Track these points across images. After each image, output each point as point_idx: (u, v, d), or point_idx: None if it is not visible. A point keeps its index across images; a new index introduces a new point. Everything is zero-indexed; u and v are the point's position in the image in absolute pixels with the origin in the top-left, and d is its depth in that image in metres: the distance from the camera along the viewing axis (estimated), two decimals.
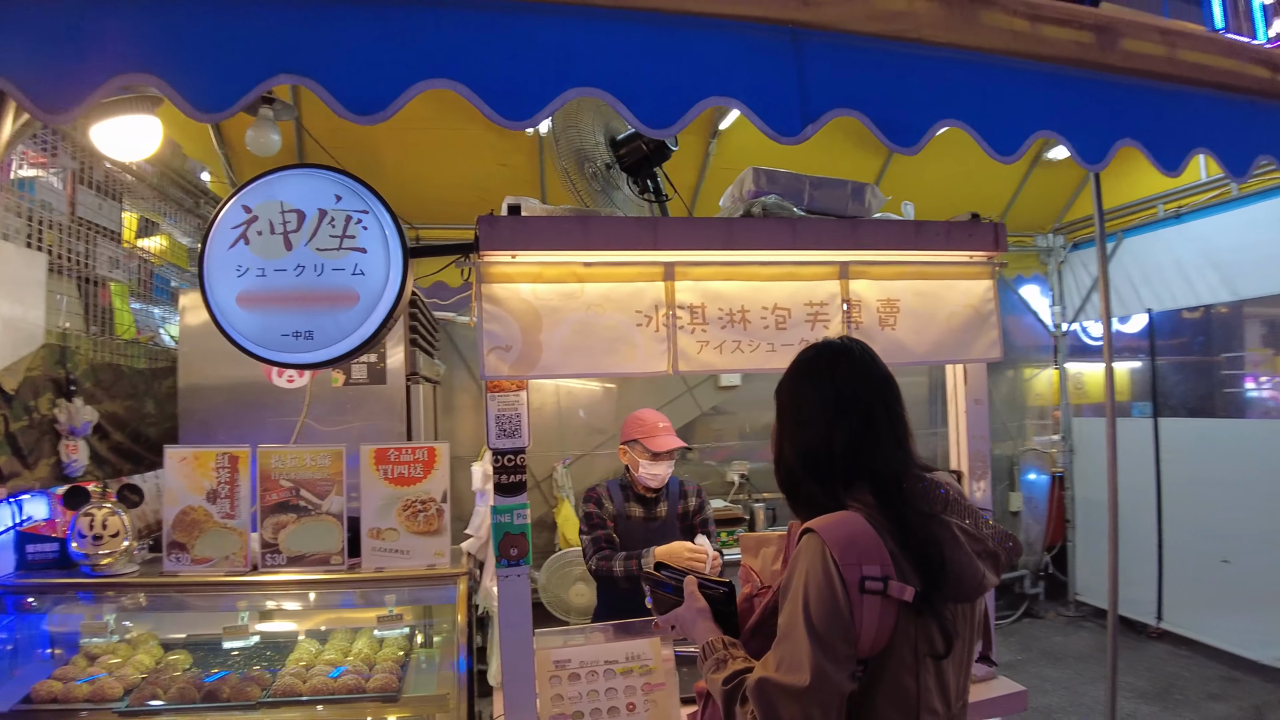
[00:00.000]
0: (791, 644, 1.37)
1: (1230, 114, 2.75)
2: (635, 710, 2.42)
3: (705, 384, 5.73)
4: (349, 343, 2.16)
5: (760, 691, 1.37)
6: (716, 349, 2.48)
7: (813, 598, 1.37)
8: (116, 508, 2.65)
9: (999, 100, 2.37)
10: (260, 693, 2.44)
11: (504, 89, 1.85)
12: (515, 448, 2.35)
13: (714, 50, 2.07)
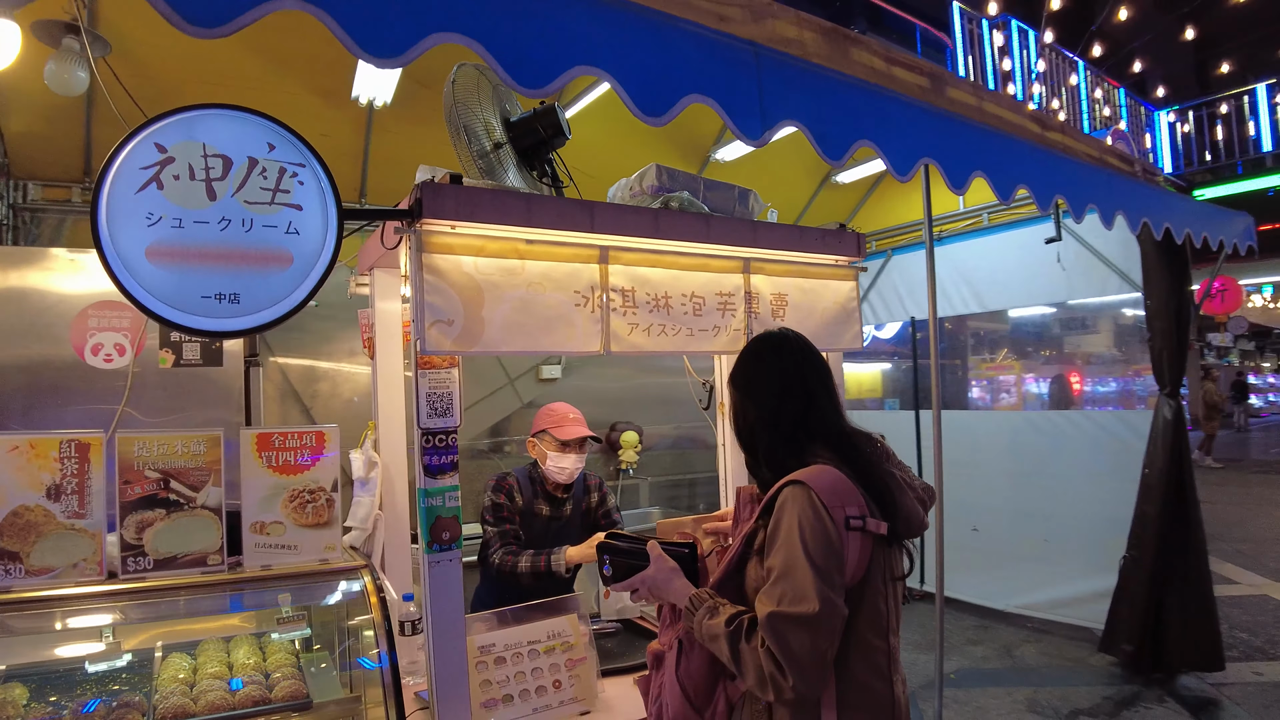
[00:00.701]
0: (793, 580, 1.52)
1: (1006, 151, 3.38)
2: (561, 687, 2.45)
3: (527, 376, 5.70)
4: (279, 309, 1.95)
5: (772, 625, 1.51)
6: (645, 331, 2.53)
7: (809, 536, 1.55)
8: None
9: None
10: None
11: (516, 56, 1.85)
12: (447, 427, 2.25)
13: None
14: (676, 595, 1.75)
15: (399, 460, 2.76)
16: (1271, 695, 4.72)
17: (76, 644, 2.36)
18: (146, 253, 1.79)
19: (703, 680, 1.74)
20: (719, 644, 1.60)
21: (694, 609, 1.67)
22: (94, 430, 2.27)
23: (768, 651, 1.50)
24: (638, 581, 1.81)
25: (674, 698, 1.76)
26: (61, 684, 2.32)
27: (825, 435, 1.78)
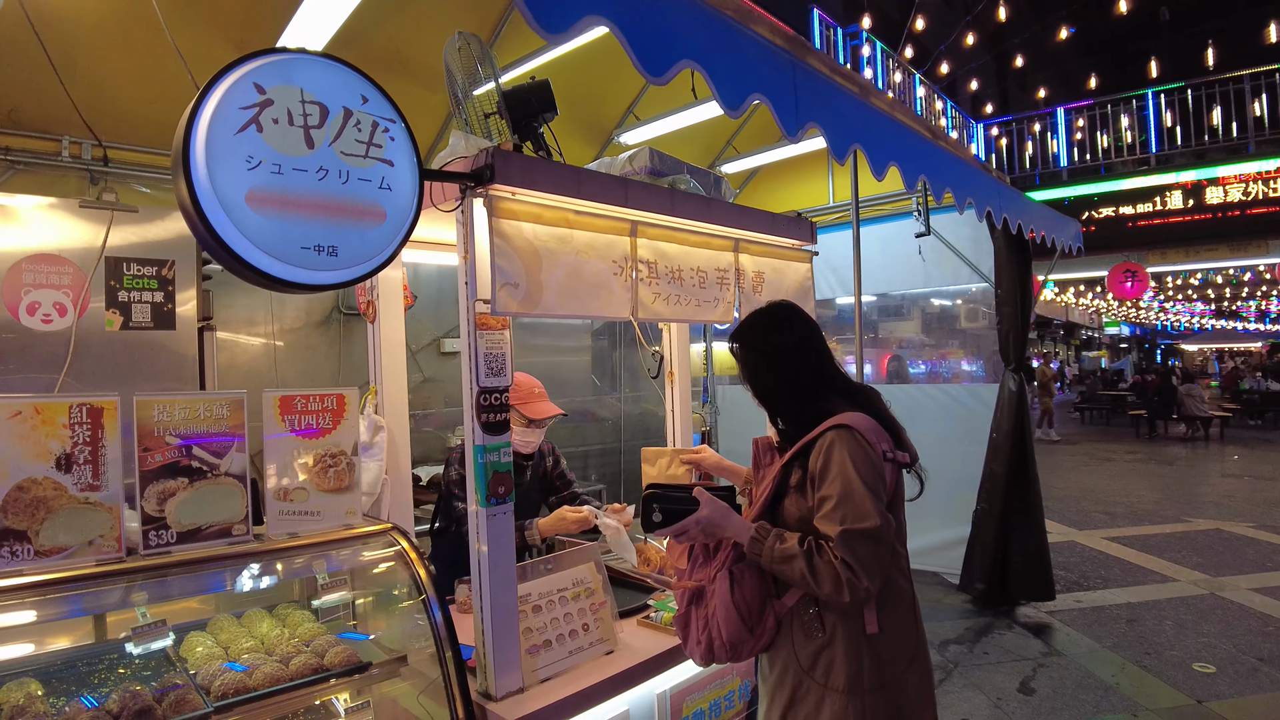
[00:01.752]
0: (853, 502, 1.81)
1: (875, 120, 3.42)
2: (589, 629, 2.57)
3: (428, 349, 5.59)
4: (370, 264, 1.92)
5: (844, 539, 1.78)
6: (665, 300, 2.69)
7: (861, 467, 1.86)
8: None
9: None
10: (204, 701, 1.98)
11: (646, 48, 1.98)
12: (501, 386, 2.29)
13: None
14: (735, 530, 1.95)
15: (401, 425, 2.73)
16: (1091, 616, 5.76)
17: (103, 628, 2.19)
18: (247, 197, 1.71)
19: (755, 602, 1.98)
20: (793, 562, 1.82)
21: (761, 538, 1.89)
22: (108, 393, 2.09)
23: (842, 562, 1.77)
24: (690, 523, 1.96)
25: (729, 621, 1.96)
26: (87, 674, 2.14)
27: (839, 388, 2.09)
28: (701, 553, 2.08)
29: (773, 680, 2.04)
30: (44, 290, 2.79)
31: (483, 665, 2.29)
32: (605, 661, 2.55)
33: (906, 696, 1.92)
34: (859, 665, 1.88)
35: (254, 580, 2.27)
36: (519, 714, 2.20)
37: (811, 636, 1.93)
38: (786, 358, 2.10)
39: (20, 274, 2.76)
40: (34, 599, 1.91)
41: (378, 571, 2.45)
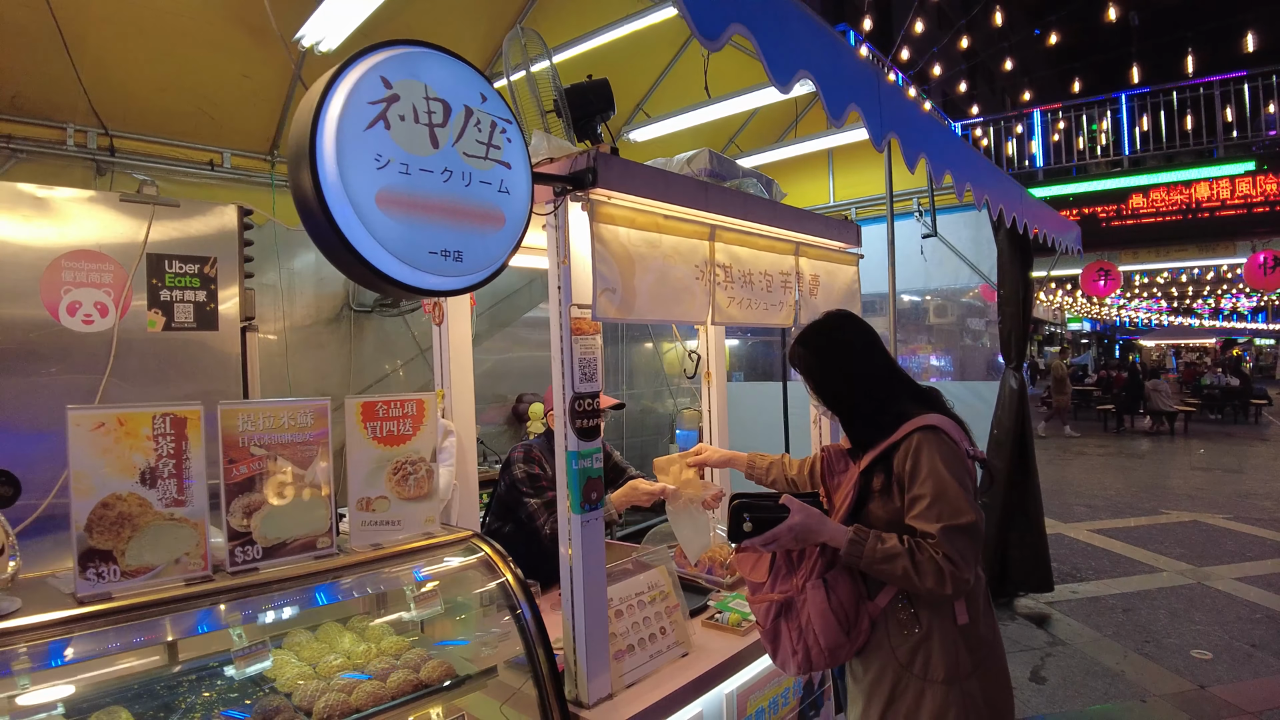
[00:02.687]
0: (948, 500, 1.87)
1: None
2: (666, 633, 2.55)
3: None
4: (490, 269, 1.87)
5: (946, 535, 1.84)
6: (738, 304, 2.67)
7: (951, 465, 1.92)
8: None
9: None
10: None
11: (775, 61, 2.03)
12: (594, 391, 2.26)
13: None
14: (832, 534, 1.97)
15: (468, 429, 2.66)
16: (1089, 607, 5.94)
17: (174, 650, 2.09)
18: (377, 198, 1.64)
19: (851, 606, 2.03)
20: (896, 561, 1.87)
21: (862, 539, 1.92)
22: (190, 402, 1.99)
23: (944, 557, 1.83)
24: (783, 531, 1.97)
25: (827, 629, 2.01)
26: (172, 700, 2.04)
27: (908, 390, 2.13)
28: (784, 564, 2.10)
29: (869, 680, 2.07)
30: (84, 289, 2.65)
31: (573, 672, 2.26)
32: (683, 665, 2.53)
33: (995, 680, 2.01)
34: (955, 655, 1.95)
35: (342, 595, 2.19)
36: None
37: (908, 633, 1.99)
38: (859, 360, 2.14)
39: (59, 272, 2.61)
40: (123, 624, 1.79)
41: (461, 580, 2.39)
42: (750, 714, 2.79)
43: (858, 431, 2.14)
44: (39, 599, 1.73)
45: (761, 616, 2.13)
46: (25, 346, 2.56)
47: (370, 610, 2.56)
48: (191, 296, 2.85)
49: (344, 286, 5.01)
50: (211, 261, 2.89)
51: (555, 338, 2.21)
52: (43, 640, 1.65)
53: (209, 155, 4.48)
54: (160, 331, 2.77)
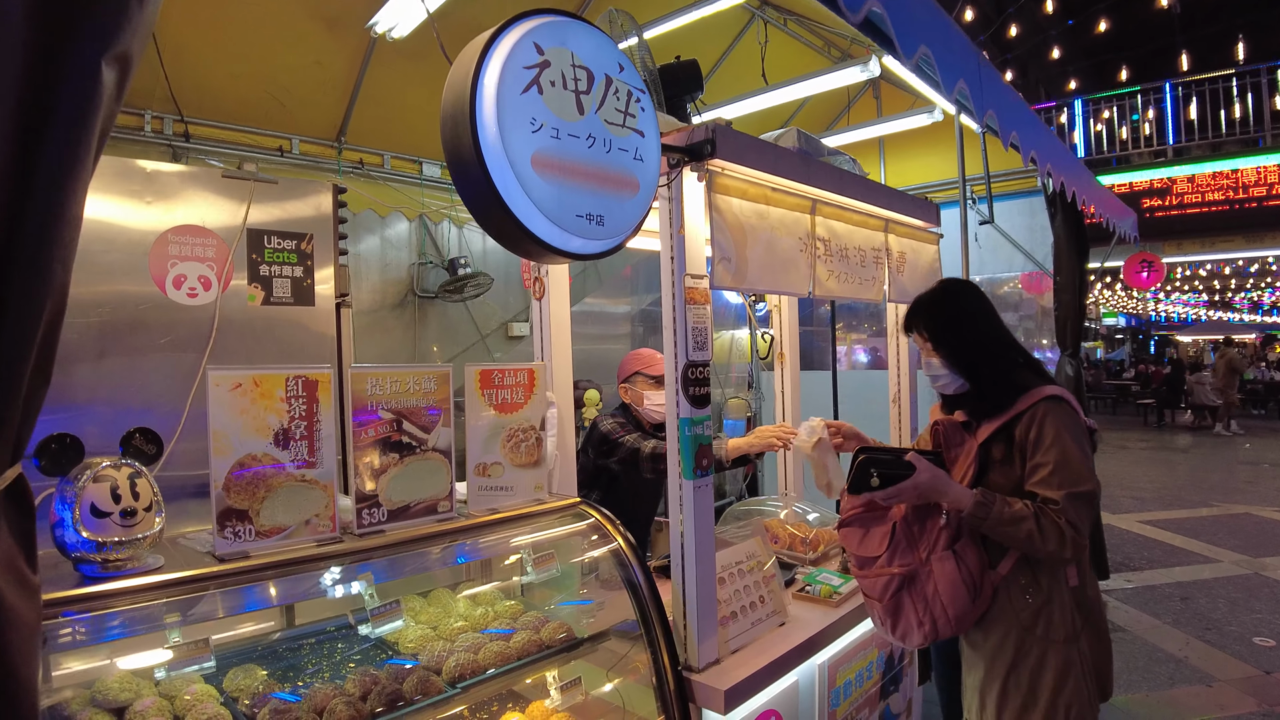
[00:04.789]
0: (1070, 468, 1.93)
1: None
2: (765, 602, 2.57)
3: (496, 333, 5.57)
4: (624, 235, 1.91)
5: (1070, 501, 1.90)
6: (836, 278, 2.69)
7: (1075, 434, 1.98)
8: (137, 466, 1.71)
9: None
10: (443, 682, 1.95)
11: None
12: (705, 359, 2.28)
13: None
14: (956, 495, 2.01)
15: (567, 402, 2.69)
16: (1145, 595, 5.93)
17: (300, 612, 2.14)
18: (533, 160, 1.68)
19: (979, 575, 2.08)
20: (1022, 524, 1.91)
21: (989, 502, 1.96)
22: (321, 365, 2.04)
23: (1067, 522, 1.89)
24: (907, 488, 2.01)
25: (957, 599, 2.06)
26: (298, 659, 2.10)
27: (1024, 361, 2.17)
28: (904, 537, 2.13)
29: (990, 646, 2.11)
30: (189, 263, 2.71)
31: (682, 636, 2.29)
32: (781, 634, 2.56)
33: (1100, 639, 2.08)
34: (1071, 616, 2.01)
35: (464, 557, 2.24)
36: (726, 684, 2.20)
37: (1030, 598, 2.04)
38: (986, 327, 2.18)
39: (166, 246, 2.67)
40: (260, 582, 1.85)
41: (569, 545, 2.43)
42: (839, 685, 2.81)
43: (984, 397, 2.14)
44: (177, 557, 1.78)
45: (879, 591, 2.15)
46: (135, 319, 2.62)
47: (476, 578, 2.60)
48: (289, 272, 2.90)
49: (408, 273, 5.08)
50: (308, 238, 2.94)
51: (668, 308, 2.24)
52: (186, 595, 1.70)
53: (278, 142, 4.55)
54: (259, 306, 2.83)
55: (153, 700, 1.73)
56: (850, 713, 2.91)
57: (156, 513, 1.73)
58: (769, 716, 2.47)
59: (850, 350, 8.10)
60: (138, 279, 2.62)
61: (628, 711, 2.39)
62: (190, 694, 1.79)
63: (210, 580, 1.72)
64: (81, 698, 1.72)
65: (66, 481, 1.63)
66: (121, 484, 1.67)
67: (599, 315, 6.60)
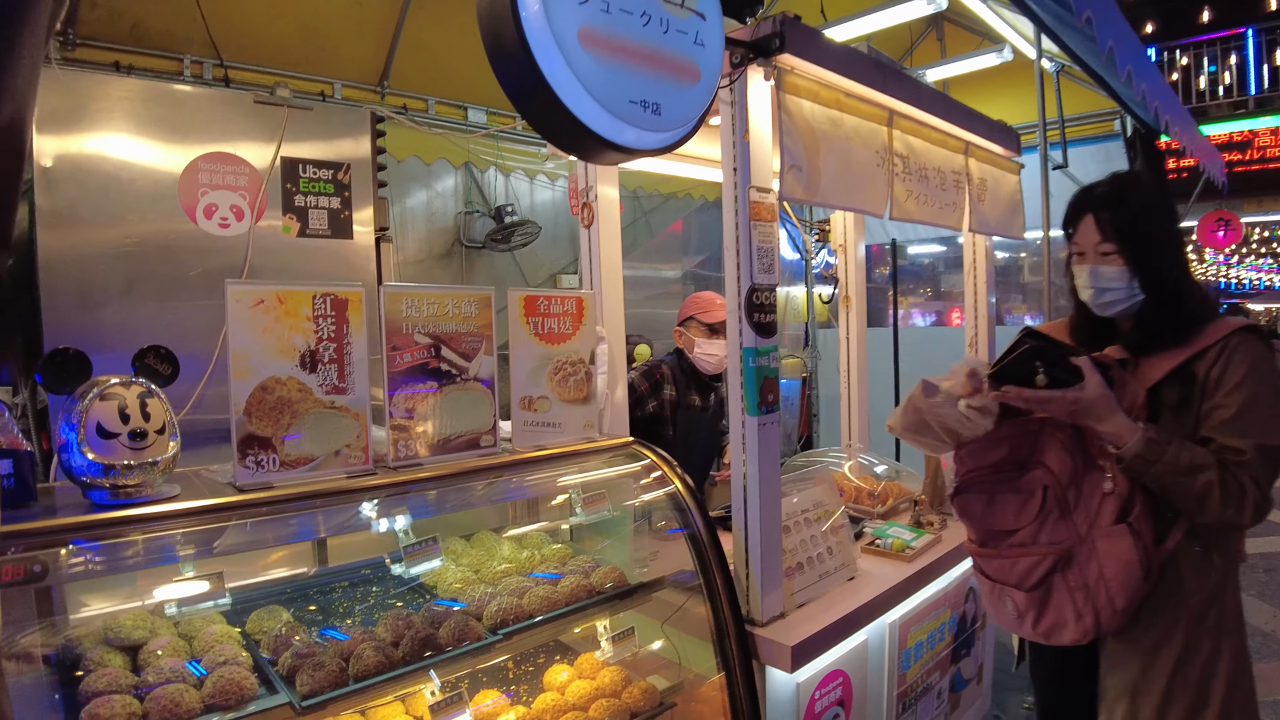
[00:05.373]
0: (1261, 415, 1.55)
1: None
2: (833, 553, 2.38)
3: (544, 285, 5.42)
4: (685, 128, 1.68)
5: (1260, 455, 1.53)
6: (915, 200, 2.46)
7: (1272, 378, 1.59)
8: (148, 385, 1.56)
9: None
10: (484, 628, 1.79)
11: None
12: (772, 284, 2.07)
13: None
14: (1119, 427, 1.60)
15: (618, 337, 2.50)
16: None
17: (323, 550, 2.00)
18: (580, 35, 1.47)
19: (1152, 553, 1.65)
20: (1200, 475, 1.54)
21: (1163, 442, 1.57)
22: (351, 282, 1.86)
23: (1250, 479, 1.53)
24: (1070, 399, 1.60)
25: (1129, 583, 1.64)
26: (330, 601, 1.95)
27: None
28: (1056, 506, 1.71)
29: (1152, 638, 1.70)
30: (221, 192, 2.57)
31: (744, 587, 2.10)
32: (851, 588, 2.37)
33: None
34: (1239, 600, 1.69)
35: (509, 495, 2.07)
36: (793, 640, 2.01)
37: (1204, 579, 1.65)
38: (1173, 228, 1.73)
39: (196, 174, 2.54)
40: (284, 515, 1.68)
41: (622, 487, 2.24)
42: (910, 647, 2.62)
43: (1162, 323, 1.69)
44: (196, 489, 1.63)
45: (1019, 575, 1.74)
46: (164, 251, 2.50)
47: (521, 519, 2.44)
48: (325, 203, 2.76)
49: (454, 222, 4.95)
50: (345, 168, 2.79)
51: (730, 225, 2.03)
52: (202, 527, 1.55)
53: (320, 86, 4.41)
54: (295, 238, 2.69)
55: (169, 639, 1.60)
56: (920, 676, 2.71)
57: (170, 436, 1.59)
58: (836, 677, 2.28)
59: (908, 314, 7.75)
60: (167, 208, 2.49)
61: (684, 667, 2.22)
62: (210, 634, 1.65)
63: (229, 511, 1.57)
64: (94, 635, 1.59)
65: (73, 400, 1.50)
66: (130, 403, 1.52)
67: (650, 280, 6.41)
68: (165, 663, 1.49)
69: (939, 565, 2.65)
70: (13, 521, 1.35)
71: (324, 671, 1.51)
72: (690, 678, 2.19)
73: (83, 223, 2.39)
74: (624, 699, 1.99)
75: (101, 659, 1.50)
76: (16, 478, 1.48)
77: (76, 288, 2.39)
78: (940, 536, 2.79)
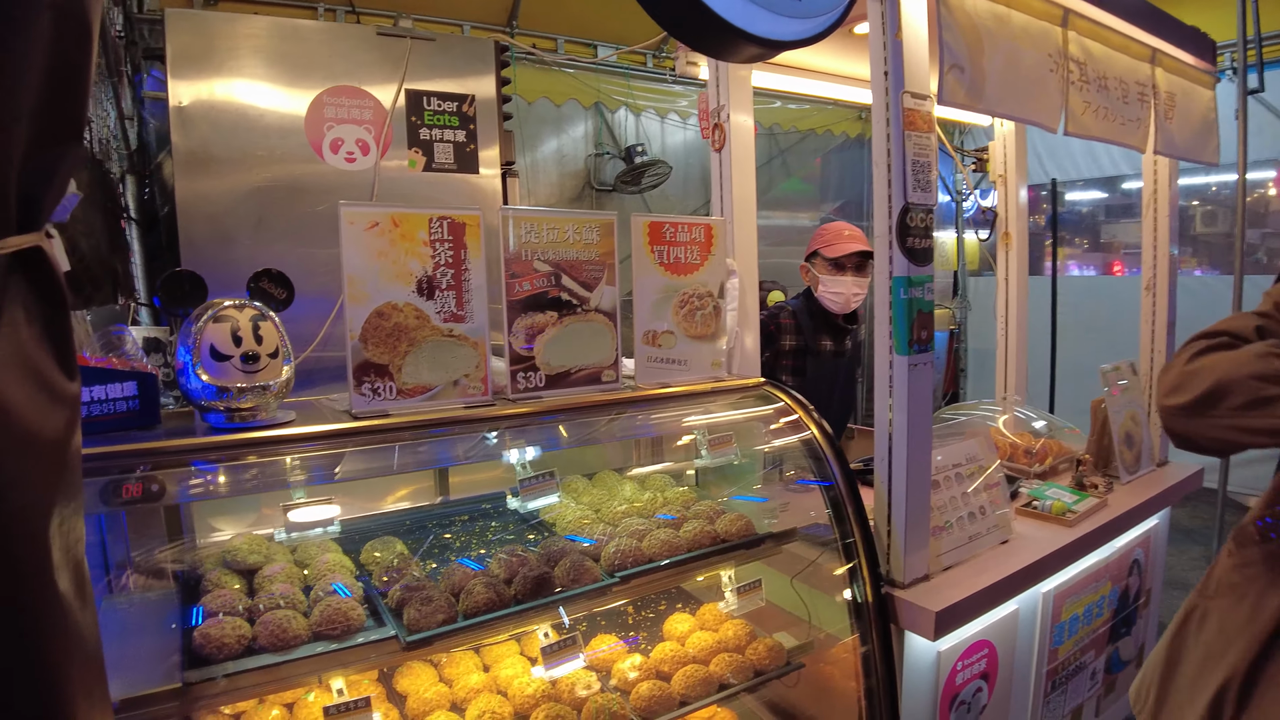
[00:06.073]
0: None
1: None
2: (985, 513, 2.14)
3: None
4: (826, 19, 1.48)
5: None
6: (1094, 112, 2.14)
7: None
8: (261, 309, 1.54)
9: None
10: (601, 570, 1.69)
11: None
12: (929, 204, 1.83)
13: None
14: None
15: (750, 271, 2.32)
16: None
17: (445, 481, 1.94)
18: None
19: None
20: None
21: None
22: (469, 207, 1.76)
23: None
24: None
25: None
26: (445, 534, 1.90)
27: None
28: None
29: None
30: (346, 126, 2.55)
31: (884, 545, 1.91)
32: (1003, 552, 2.14)
33: None
34: None
35: (628, 434, 1.95)
36: (938, 605, 1.81)
37: None
38: None
39: (322, 108, 2.52)
40: (396, 443, 1.63)
41: (751, 431, 2.09)
42: (1064, 620, 2.36)
43: None
44: (312, 416, 1.58)
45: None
46: (293, 186, 2.50)
47: (644, 460, 2.33)
48: (451, 136, 2.69)
49: (584, 165, 4.88)
50: (469, 100, 2.70)
51: (880, 136, 1.80)
52: (317, 452, 1.52)
53: (449, 28, 4.38)
54: (420, 173, 2.64)
55: (282, 566, 1.58)
56: (1074, 654, 2.45)
57: (284, 360, 1.55)
58: (981, 648, 2.07)
59: (1063, 267, 7.09)
60: (294, 145, 2.49)
61: (814, 627, 2.06)
62: (323, 562, 1.62)
63: (344, 437, 1.52)
64: (214, 557, 1.58)
65: (188, 323, 1.47)
66: (243, 326, 1.49)
67: (786, 229, 6.12)
68: (277, 588, 1.47)
69: (1102, 532, 2.38)
70: (131, 442, 1.34)
71: (432, 606, 1.45)
72: (820, 638, 2.03)
73: (215, 161, 2.41)
74: (748, 655, 1.86)
75: (219, 580, 1.49)
76: (141, 399, 1.47)
77: (210, 225, 2.42)
78: (1105, 500, 2.49)
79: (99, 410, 1.42)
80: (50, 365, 0.73)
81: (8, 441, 0.65)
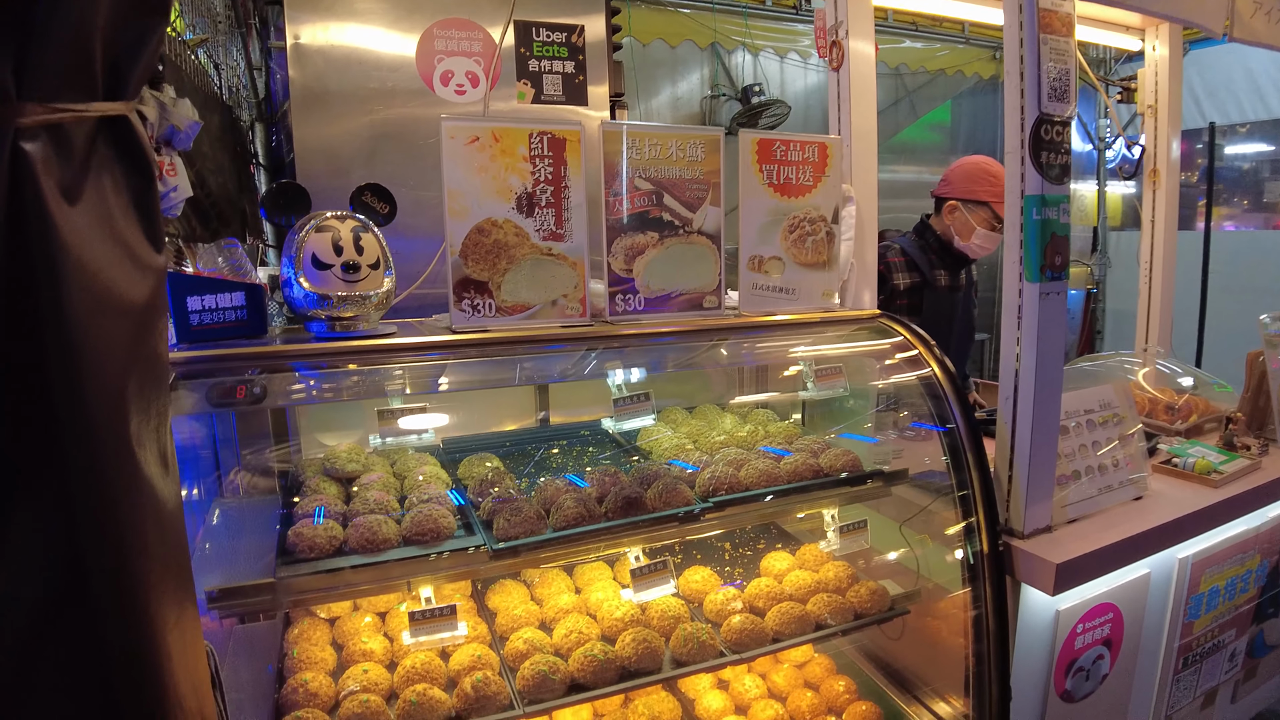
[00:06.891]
0: None
1: None
2: (1118, 466, 1.96)
3: None
4: None
5: None
6: (1264, 15, 1.89)
7: None
8: (363, 220, 1.54)
9: None
10: (695, 495, 1.64)
11: None
12: (1065, 115, 1.65)
13: None
14: None
15: (869, 199, 2.17)
16: None
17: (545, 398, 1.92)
18: None
19: None
20: None
21: None
22: (569, 122, 1.71)
23: None
24: None
25: None
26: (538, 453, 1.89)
27: None
28: None
29: None
30: (455, 58, 2.54)
31: (1005, 492, 1.77)
32: (1135, 509, 1.96)
33: None
34: None
35: (732, 360, 1.88)
36: (1059, 557, 1.67)
37: None
38: None
39: (432, 40, 2.52)
40: (494, 358, 1.63)
41: (866, 366, 1.97)
42: (1203, 592, 2.15)
43: None
44: (413, 330, 1.60)
45: None
46: (405, 119, 2.51)
47: (747, 390, 2.25)
48: (560, 68, 2.65)
49: (700, 107, 4.81)
50: (579, 30, 2.65)
51: (1012, 43, 1.64)
52: (415, 363, 1.54)
53: None
54: (529, 105, 2.61)
55: (380, 475, 1.60)
56: (1212, 630, 2.25)
57: (385, 272, 1.56)
58: (1106, 611, 1.91)
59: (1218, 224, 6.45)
60: (404, 76, 2.50)
61: (921, 576, 1.95)
62: (420, 474, 1.63)
63: (442, 350, 1.51)
64: (315, 464, 1.62)
65: (292, 233, 1.50)
66: (344, 236, 1.51)
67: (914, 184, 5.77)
68: (372, 495, 1.49)
69: (1252, 498, 2.15)
70: (237, 348, 1.38)
71: (521, 518, 1.43)
72: (928, 587, 1.92)
73: (330, 95, 2.45)
74: (848, 597, 1.77)
75: (317, 486, 1.52)
76: (250, 309, 1.51)
77: (326, 160, 2.47)
78: (1259, 463, 2.26)
79: (209, 319, 1.46)
80: (137, 235, 0.73)
81: (89, 302, 0.65)
